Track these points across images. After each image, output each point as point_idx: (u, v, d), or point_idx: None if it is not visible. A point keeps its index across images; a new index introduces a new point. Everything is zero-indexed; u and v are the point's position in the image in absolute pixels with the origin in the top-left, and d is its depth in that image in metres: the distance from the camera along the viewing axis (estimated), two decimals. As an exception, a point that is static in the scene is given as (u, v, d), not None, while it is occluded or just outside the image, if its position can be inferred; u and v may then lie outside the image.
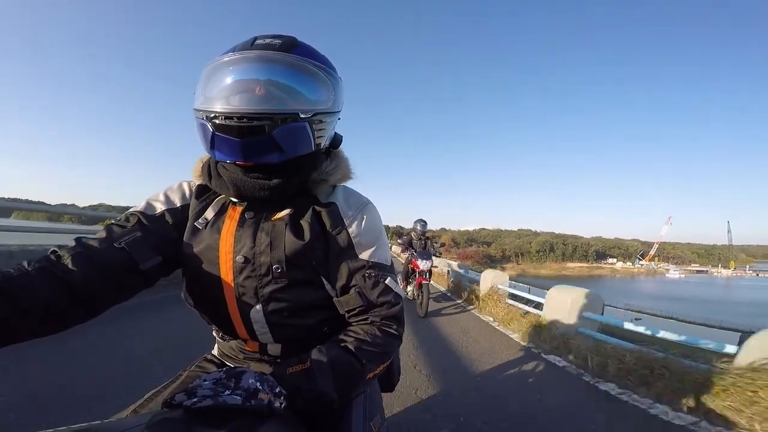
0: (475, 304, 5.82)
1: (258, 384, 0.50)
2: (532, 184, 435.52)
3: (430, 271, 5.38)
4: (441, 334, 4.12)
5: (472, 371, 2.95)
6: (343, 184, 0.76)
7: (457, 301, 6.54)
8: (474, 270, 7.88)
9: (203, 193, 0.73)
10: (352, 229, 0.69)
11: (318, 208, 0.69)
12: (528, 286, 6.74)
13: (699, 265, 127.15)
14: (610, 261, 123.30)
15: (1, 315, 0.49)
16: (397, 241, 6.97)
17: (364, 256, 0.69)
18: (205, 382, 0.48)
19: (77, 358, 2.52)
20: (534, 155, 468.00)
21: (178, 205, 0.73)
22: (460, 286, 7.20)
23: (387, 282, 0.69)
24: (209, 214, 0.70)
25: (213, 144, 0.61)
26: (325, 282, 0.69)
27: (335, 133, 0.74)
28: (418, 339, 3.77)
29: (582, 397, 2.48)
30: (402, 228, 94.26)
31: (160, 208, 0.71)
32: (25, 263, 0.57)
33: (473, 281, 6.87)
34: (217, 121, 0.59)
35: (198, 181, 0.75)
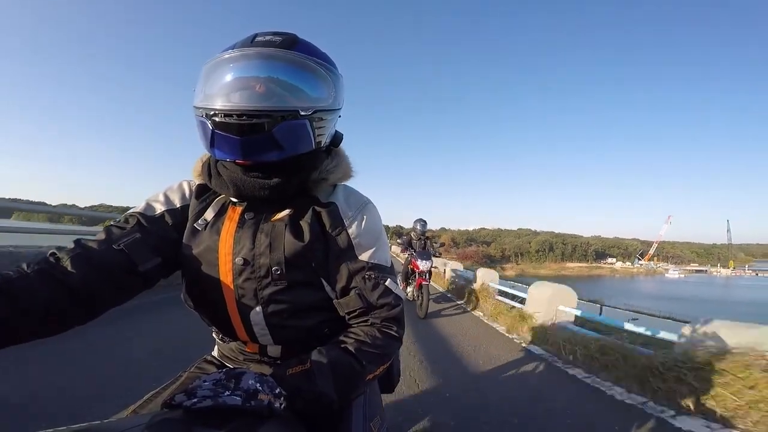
0: (465, 299, 6.05)
1: (258, 385, 0.49)
2: (532, 184, 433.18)
3: (430, 272, 5.37)
4: (435, 326, 4.47)
5: (459, 359, 3.28)
6: (343, 183, 0.76)
7: (458, 302, 6.55)
8: (470, 270, 8.27)
9: (203, 192, 0.73)
10: (352, 230, 0.68)
11: (318, 208, 0.68)
12: (515, 284, 7.22)
13: (698, 265, 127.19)
14: (609, 261, 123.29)
15: (1, 316, 0.49)
16: (397, 241, 6.96)
17: (364, 257, 0.69)
18: (205, 383, 0.48)
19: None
20: (534, 155, 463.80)
21: (178, 205, 0.73)
22: (458, 285, 7.28)
23: (387, 284, 0.69)
24: (209, 214, 0.70)
25: (212, 142, 0.61)
26: (325, 283, 0.69)
27: (336, 131, 0.74)
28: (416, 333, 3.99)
29: (554, 379, 2.87)
30: (402, 228, 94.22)
31: (160, 208, 0.71)
32: (25, 265, 0.57)
33: (467, 279, 7.26)
34: (217, 119, 0.58)
35: (198, 181, 0.74)
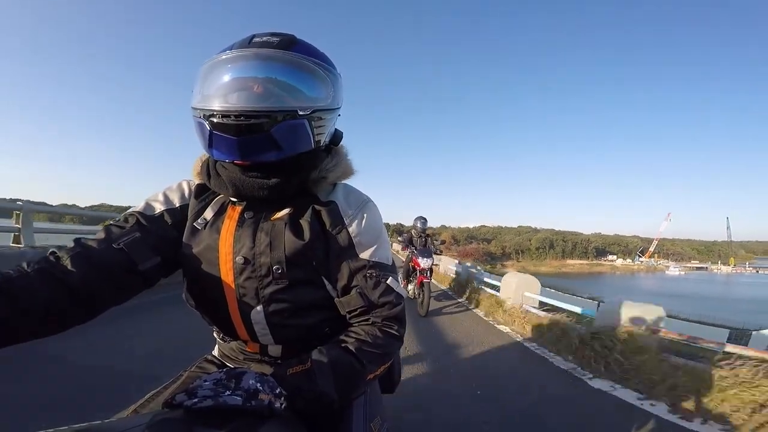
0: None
1: (258, 385, 0.49)
2: (532, 183, 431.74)
3: (431, 269, 5.38)
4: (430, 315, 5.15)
5: (441, 336, 4.14)
6: (343, 181, 0.76)
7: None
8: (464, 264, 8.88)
9: (202, 192, 0.73)
10: (353, 229, 0.68)
11: (318, 207, 0.68)
12: (491, 273, 8.25)
13: (699, 262, 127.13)
14: (610, 258, 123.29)
15: (1, 315, 0.49)
16: (398, 239, 6.97)
17: (365, 255, 0.68)
18: (206, 383, 0.48)
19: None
20: (534, 155, 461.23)
21: (177, 205, 0.73)
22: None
23: (388, 282, 0.69)
24: (208, 214, 0.70)
25: (211, 143, 0.61)
26: (326, 282, 0.69)
27: (335, 129, 0.74)
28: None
29: (515, 351, 3.78)
30: (402, 226, 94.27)
31: (159, 208, 0.71)
32: (25, 264, 0.57)
33: (457, 272, 8.26)
34: (215, 120, 0.58)
35: (197, 180, 0.74)
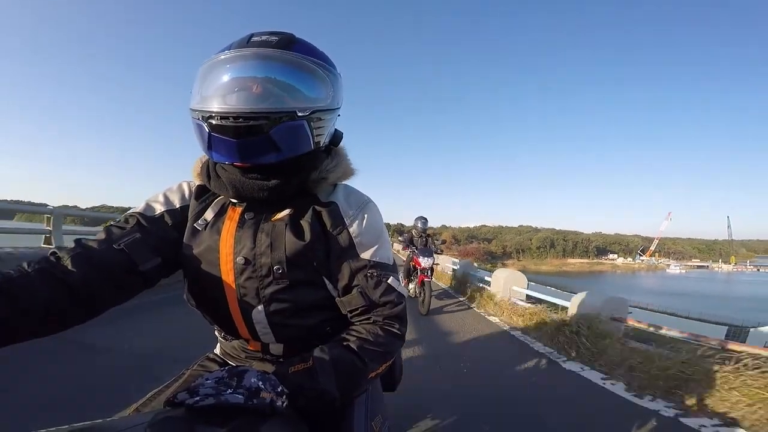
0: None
1: (260, 383, 0.49)
2: (533, 183, 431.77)
3: (431, 269, 5.39)
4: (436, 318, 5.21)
5: (437, 325, 4.60)
6: (343, 182, 0.76)
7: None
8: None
9: (203, 193, 0.73)
10: (353, 229, 0.68)
11: (318, 207, 0.68)
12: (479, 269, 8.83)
13: (700, 261, 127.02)
14: (610, 257, 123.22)
15: (1, 315, 0.49)
16: (398, 239, 6.98)
17: (366, 255, 0.68)
18: (208, 381, 0.48)
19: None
20: (535, 155, 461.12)
21: (178, 206, 0.73)
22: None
23: (389, 281, 0.69)
24: (209, 215, 0.70)
25: (210, 145, 0.61)
26: (327, 282, 0.69)
27: (335, 129, 0.73)
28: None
29: (502, 338, 4.25)
30: (403, 226, 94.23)
31: (160, 209, 0.71)
32: (25, 264, 0.57)
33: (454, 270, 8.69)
34: (214, 122, 0.58)
35: (198, 181, 0.74)
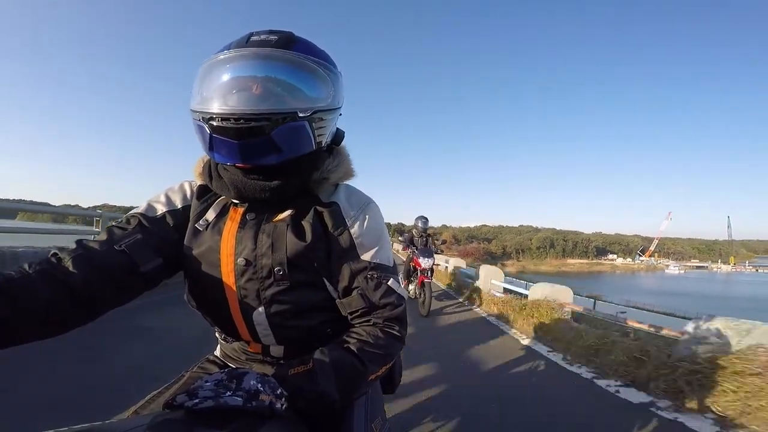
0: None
1: (259, 385, 0.49)
2: (533, 183, 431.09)
3: (432, 269, 5.38)
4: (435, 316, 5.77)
5: (438, 327, 4.99)
6: (345, 182, 0.75)
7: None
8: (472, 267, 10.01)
9: (204, 193, 0.73)
10: (354, 230, 0.68)
11: (320, 208, 0.68)
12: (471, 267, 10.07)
13: (699, 261, 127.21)
14: (610, 257, 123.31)
15: (1, 316, 0.49)
16: (399, 239, 7.01)
17: (366, 257, 0.68)
18: (207, 383, 0.48)
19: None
20: (535, 154, 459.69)
21: (179, 206, 0.72)
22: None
23: (389, 283, 0.69)
24: (210, 215, 0.69)
25: (212, 146, 0.61)
26: (327, 283, 0.69)
27: (337, 129, 0.73)
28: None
29: (480, 324, 5.08)
30: (403, 225, 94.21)
31: (161, 209, 0.71)
32: (26, 265, 0.57)
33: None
34: (215, 123, 0.58)
35: (199, 181, 0.74)
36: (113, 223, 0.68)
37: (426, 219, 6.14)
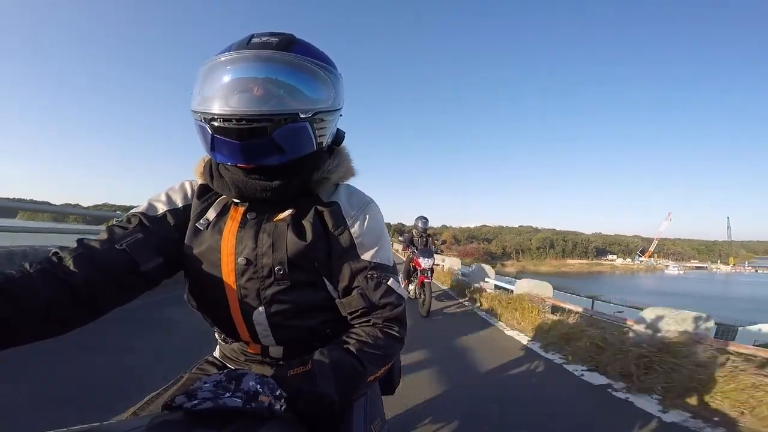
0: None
1: (258, 386, 0.49)
2: (533, 183, 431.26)
3: (431, 269, 5.38)
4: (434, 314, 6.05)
5: (438, 323, 5.23)
6: (345, 182, 0.75)
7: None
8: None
9: (205, 193, 0.73)
10: (355, 230, 0.68)
11: (320, 207, 0.68)
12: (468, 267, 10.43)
13: (698, 262, 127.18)
14: (610, 257, 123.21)
15: (1, 315, 0.49)
16: (399, 239, 7.02)
17: (366, 256, 0.68)
18: (206, 385, 0.48)
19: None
20: (535, 154, 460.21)
21: (180, 205, 0.73)
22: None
23: (389, 283, 0.69)
24: (211, 214, 0.69)
25: (213, 146, 0.61)
26: (327, 283, 0.69)
27: (337, 129, 0.73)
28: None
29: (469, 317, 5.48)
30: (403, 225, 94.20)
31: (162, 208, 0.71)
32: (27, 265, 0.57)
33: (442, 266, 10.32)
34: (216, 124, 0.58)
35: (200, 180, 0.74)
36: (114, 222, 0.68)
37: (426, 219, 6.14)
